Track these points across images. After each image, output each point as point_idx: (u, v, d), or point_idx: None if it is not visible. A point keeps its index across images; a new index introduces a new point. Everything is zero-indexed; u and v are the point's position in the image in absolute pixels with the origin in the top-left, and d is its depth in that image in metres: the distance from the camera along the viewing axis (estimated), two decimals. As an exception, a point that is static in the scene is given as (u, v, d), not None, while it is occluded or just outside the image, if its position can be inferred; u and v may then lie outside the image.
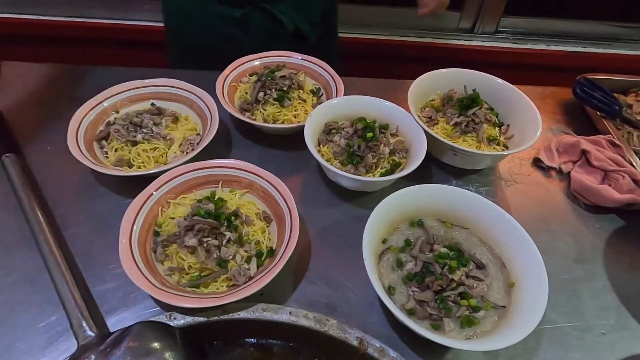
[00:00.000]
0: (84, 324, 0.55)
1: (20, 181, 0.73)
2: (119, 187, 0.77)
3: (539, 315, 0.54)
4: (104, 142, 0.79)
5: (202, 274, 0.62)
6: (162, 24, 1.14)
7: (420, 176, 0.84)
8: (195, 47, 1.10)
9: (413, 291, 0.61)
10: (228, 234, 0.63)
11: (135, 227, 0.63)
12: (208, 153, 0.76)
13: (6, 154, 0.76)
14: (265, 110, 0.87)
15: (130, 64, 1.01)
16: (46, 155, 0.81)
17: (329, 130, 0.82)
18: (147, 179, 0.69)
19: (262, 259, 0.65)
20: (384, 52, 1.62)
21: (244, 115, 0.87)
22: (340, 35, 1.59)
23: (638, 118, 0.96)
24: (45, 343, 0.58)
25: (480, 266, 0.64)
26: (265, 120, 0.87)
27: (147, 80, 0.87)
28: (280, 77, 0.89)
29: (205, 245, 0.62)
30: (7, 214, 0.71)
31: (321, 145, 0.81)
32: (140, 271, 0.59)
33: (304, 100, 0.90)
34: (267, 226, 0.69)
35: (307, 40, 1.09)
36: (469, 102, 0.84)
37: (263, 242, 0.66)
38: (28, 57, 1.03)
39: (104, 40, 1.57)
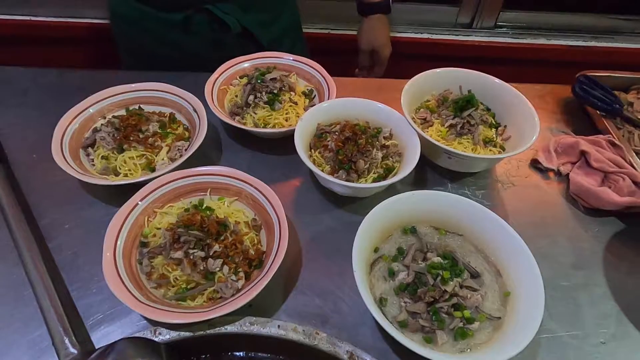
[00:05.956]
0: (66, 341, 0.54)
1: (4, 190, 0.71)
2: (105, 196, 0.75)
3: (534, 329, 0.52)
4: (90, 149, 0.77)
5: (188, 287, 0.61)
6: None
7: (414, 180, 0.83)
8: (143, 52, 1.05)
9: (405, 302, 0.59)
10: (215, 245, 0.61)
11: (119, 239, 0.62)
12: (197, 159, 0.74)
13: (-10, 163, 0.74)
14: (255, 113, 0.85)
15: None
16: (32, 163, 0.80)
17: (321, 134, 0.80)
18: (134, 187, 0.68)
19: (250, 269, 0.63)
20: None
21: (234, 119, 0.85)
22: (335, 31, 1.57)
23: (639, 117, 0.93)
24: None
25: (474, 275, 0.62)
26: (255, 124, 0.85)
27: (134, 85, 0.84)
28: (271, 79, 0.87)
29: (191, 257, 0.60)
30: (-9, 225, 0.70)
31: (312, 150, 0.79)
32: (125, 286, 0.57)
33: (296, 103, 0.88)
34: (256, 235, 0.68)
35: (259, 42, 1.02)
36: (464, 103, 0.82)
37: (252, 252, 0.65)
38: (12, 60, 1.01)
39: (93, 39, 1.54)
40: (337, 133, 0.78)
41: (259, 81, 0.86)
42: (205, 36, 1.00)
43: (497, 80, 0.87)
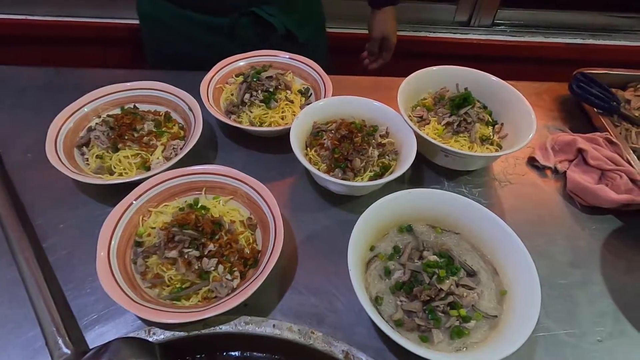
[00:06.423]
0: (60, 342, 0.54)
1: (-1, 190, 0.71)
2: (100, 195, 0.75)
3: (530, 327, 0.52)
4: (84, 148, 0.77)
5: (183, 286, 0.60)
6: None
7: (411, 178, 0.82)
8: (177, 55, 1.05)
9: (401, 301, 0.59)
10: (210, 245, 0.61)
11: (114, 239, 0.61)
12: (193, 157, 0.74)
13: (-16, 162, 0.74)
14: (251, 112, 0.85)
15: (114, 64, 0.99)
16: (27, 163, 0.79)
17: (317, 132, 0.79)
18: (129, 186, 0.67)
19: (245, 269, 0.63)
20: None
21: (230, 118, 0.84)
22: (332, 30, 1.57)
23: (636, 114, 0.93)
24: (22, 360, 0.56)
25: (471, 273, 0.62)
26: (251, 123, 0.84)
27: (128, 84, 0.84)
28: (267, 77, 0.87)
29: (186, 256, 0.60)
30: (-15, 225, 0.69)
31: (308, 149, 0.78)
32: (119, 285, 0.57)
33: (292, 102, 0.87)
34: (252, 234, 0.67)
35: (297, 40, 1.05)
36: (461, 101, 0.82)
37: (247, 251, 0.64)
38: (9, 59, 1.01)
39: (86, 39, 1.53)
40: (333, 131, 0.77)
41: (254, 79, 0.86)
42: (249, 39, 1.01)
43: (493, 77, 0.87)
